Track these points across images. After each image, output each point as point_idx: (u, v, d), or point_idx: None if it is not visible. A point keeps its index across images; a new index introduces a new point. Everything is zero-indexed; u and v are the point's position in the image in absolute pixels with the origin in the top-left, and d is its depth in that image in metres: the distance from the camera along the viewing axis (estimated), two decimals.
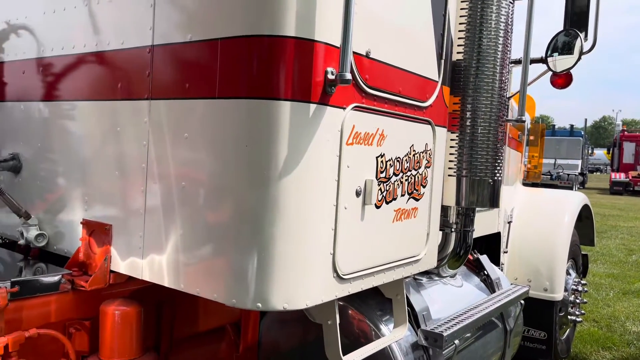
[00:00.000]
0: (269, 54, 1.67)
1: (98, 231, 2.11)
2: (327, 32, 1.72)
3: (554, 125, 35.73)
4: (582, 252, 5.55)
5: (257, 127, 1.69)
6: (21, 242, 2.33)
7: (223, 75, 1.74)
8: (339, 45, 1.74)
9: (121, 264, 2.05)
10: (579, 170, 29.01)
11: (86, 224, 2.16)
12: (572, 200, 4.99)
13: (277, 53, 1.67)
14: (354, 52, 1.80)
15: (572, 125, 32.22)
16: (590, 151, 39.35)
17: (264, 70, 1.68)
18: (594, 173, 52.26)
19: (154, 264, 1.93)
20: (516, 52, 3.23)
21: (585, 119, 36.18)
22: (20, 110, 2.50)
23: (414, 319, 2.66)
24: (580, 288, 5.09)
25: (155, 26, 1.91)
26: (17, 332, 1.85)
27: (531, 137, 7.33)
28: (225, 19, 1.73)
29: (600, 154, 52.25)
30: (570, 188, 24.09)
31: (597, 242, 11.55)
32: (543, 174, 26.84)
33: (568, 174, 27.91)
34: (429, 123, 2.33)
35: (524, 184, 5.92)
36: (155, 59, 1.92)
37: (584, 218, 5.41)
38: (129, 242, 2.02)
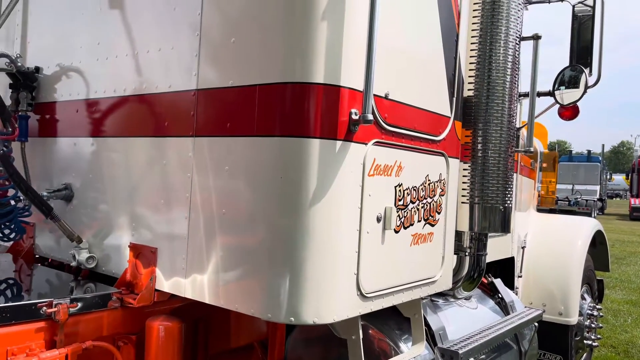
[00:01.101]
0: (300, 98, 1.92)
1: (144, 254, 2.35)
2: (351, 78, 1.97)
3: (571, 151, 35.61)
4: (598, 278, 5.65)
5: (290, 161, 1.93)
6: (73, 264, 2.58)
7: (260, 115, 1.99)
8: (361, 89, 1.98)
9: (165, 283, 2.28)
10: (597, 196, 28.78)
11: (133, 247, 2.40)
12: (585, 226, 5.12)
13: (307, 97, 1.92)
14: (374, 95, 2.04)
15: (589, 151, 32.11)
16: (608, 177, 38.97)
17: (296, 112, 1.93)
18: (614, 199, 51.60)
19: (195, 283, 2.16)
20: (525, 86, 3.46)
21: (603, 145, 36.14)
22: (72, 145, 2.78)
23: (431, 338, 2.83)
24: (595, 313, 5.18)
25: (200, 72, 2.18)
26: (75, 344, 2.09)
27: (544, 164, 7.48)
28: (262, 68, 1.99)
29: (620, 179, 51.68)
30: (589, 214, 23.90)
31: (616, 268, 11.50)
32: (561, 200, 26.69)
33: (586, 200, 27.71)
34: (442, 155, 2.56)
35: (540, 210, 6.07)
36: (200, 101, 2.18)
37: (599, 244, 5.53)
38: (173, 263, 2.25)
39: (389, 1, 2.10)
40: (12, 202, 2.65)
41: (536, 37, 3.05)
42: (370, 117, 1.92)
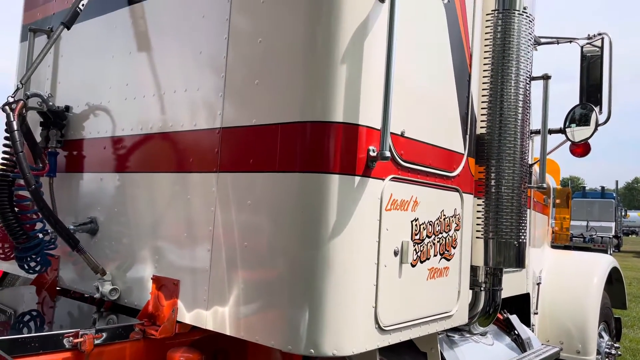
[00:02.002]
0: (320, 136, 2.02)
1: (167, 286, 2.42)
2: (369, 117, 2.07)
3: (585, 187, 35.33)
4: (615, 316, 5.57)
5: (310, 196, 2.01)
6: (96, 295, 2.64)
7: (282, 152, 2.08)
8: (378, 128, 2.08)
9: (187, 315, 2.34)
10: (613, 233, 28.35)
11: (156, 279, 2.47)
12: (601, 263, 5.09)
13: (327, 135, 2.01)
14: (391, 133, 2.13)
15: (603, 187, 31.82)
16: (623, 213, 38.48)
17: (316, 148, 2.02)
18: (630, 236, 50.74)
19: (217, 315, 2.21)
20: (537, 123, 3.55)
21: (617, 181, 35.73)
22: (99, 180, 2.89)
23: None
24: (613, 351, 5.09)
25: (225, 112, 2.29)
26: None
27: (557, 201, 7.49)
28: (284, 107, 2.09)
29: (635, 216, 50.95)
30: (605, 251, 23.51)
31: (634, 307, 11.26)
32: (576, 237, 26.34)
33: (602, 237, 27.31)
34: (457, 190, 2.62)
35: (555, 247, 6.05)
36: (224, 138, 2.29)
37: (615, 281, 5.48)
38: (194, 295, 2.31)
39: (405, 44, 2.22)
40: (40, 235, 2.74)
41: (546, 77, 3.15)
42: (388, 154, 2.00)
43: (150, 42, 2.71)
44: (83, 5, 2.73)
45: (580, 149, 3.89)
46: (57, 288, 3.04)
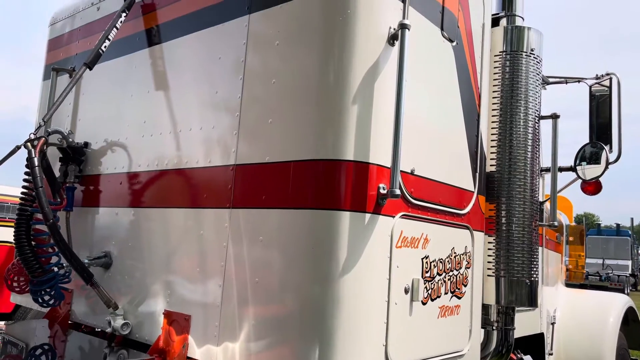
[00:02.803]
0: (332, 174, 2.06)
1: (178, 321, 2.43)
2: (379, 155, 2.12)
3: (599, 224, 34.81)
4: (632, 357, 5.42)
5: (322, 233, 2.04)
6: (108, 330, 2.66)
7: (294, 189, 2.13)
8: (388, 166, 2.12)
9: (197, 351, 2.34)
10: (629, 271, 27.75)
11: (167, 314, 2.48)
12: (617, 302, 5.00)
13: (338, 173, 2.06)
14: (401, 171, 2.17)
15: (618, 225, 31.34)
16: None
17: (328, 186, 2.06)
18: None
19: (227, 351, 2.22)
20: (547, 161, 3.57)
21: (632, 218, 35.23)
22: (114, 215, 2.95)
23: None
24: None
25: (239, 149, 2.36)
26: None
27: (571, 238, 7.40)
28: (297, 145, 2.15)
29: None
30: (622, 290, 22.96)
31: None
32: (591, 275, 25.82)
33: (618, 275, 26.73)
34: (467, 228, 2.63)
35: (570, 285, 5.96)
36: (237, 175, 2.34)
37: (631, 321, 5.36)
38: (205, 331, 2.32)
39: (415, 84, 2.28)
40: (55, 269, 2.78)
41: (555, 117, 3.19)
42: (398, 191, 2.04)
43: (168, 82, 2.81)
44: (105, 47, 2.85)
45: (592, 187, 3.89)
46: (70, 322, 3.06)
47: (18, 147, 2.59)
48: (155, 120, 2.81)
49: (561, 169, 3.62)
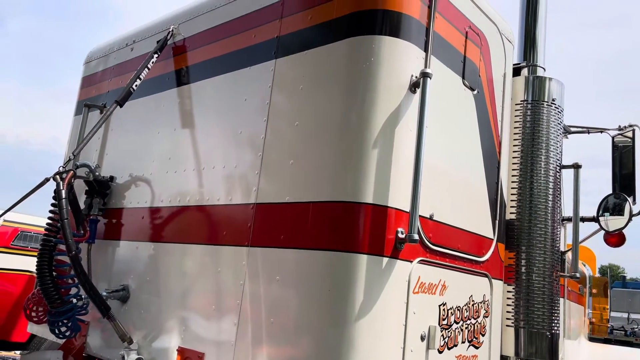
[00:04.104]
0: (351, 216, 2.08)
1: (191, 358, 2.42)
2: (398, 199, 2.13)
3: (624, 276, 33.76)
4: None
5: (339, 275, 2.04)
6: None
7: (313, 230, 2.14)
8: (407, 210, 2.13)
9: None
10: None
11: (181, 351, 2.48)
12: None
13: (357, 215, 2.07)
14: (420, 216, 2.17)
15: None
16: None
17: (346, 228, 2.08)
18: None
19: None
20: (569, 210, 3.53)
21: None
22: (135, 249, 2.99)
23: None
24: None
25: (260, 188, 2.40)
26: None
27: (594, 290, 7.21)
28: (317, 187, 2.18)
29: None
30: None
31: None
32: (616, 329, 24.86)
33: None
34: (486, 276, 2.60)
35: (593, 340, 5.76)
36: (257, 213, 2.37)
37: None
38: None
39: (435, 130, 2.31)
40: (73, 300, 2.81)
41: (576, 166, 3.17)
42: (416, 236, 2.04)
43: (194, 121, 2.89)
44: (136, 85, 2.97)
45: (615, 238, 3.81)
46: (84, 355, 3.07)
47: (47, 180, 2.67)
48: (180, 157, 2.88)
49: (583, 219, 3.57)
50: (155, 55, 3.06)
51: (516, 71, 3.17)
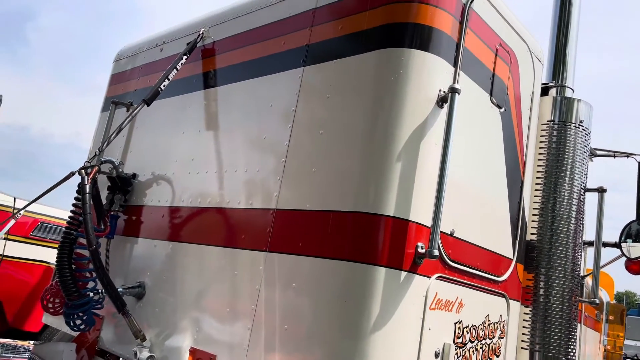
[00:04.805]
0: (371, 227, 2.07)
1: None
2: (419, 213, 2.12)
3: None
4: None
5: (355, 286, 2.03)
6: None
7: (331, 239, 2.14)
8: (428, 225, 2.11)
9: None
10: None
11: (193, 352, 2.48)
12: None
13: (377, 227, 2.06)
14: (441, 232, 2.16)
15: None
16: None
17: (366, 239, 2.07)
18: None
19: None
20: (591, 234, 3.46)
21: None
22: (152, 246, 3.02)
23: None
24: None
25: (280, 194, 2.40)
26: None
27: (611, 317, 7.06)
28: (338, 196, 2.17)
29: None
30: None
31: None
32: (629, 358, 24.28)
33: None
34: (503, 296, 2.57)
35: None
36: (277, 219, 2.38)
37: None
38: None
39: (460, 146, 2.30)
40: (90, 294, 2.84)
41: (601, 190, 3.12)
42: (436, 252, 2.02)
43: (219, 123, 2.92)
44: (164, 85, 3.01)
45: (636, 265, 3.73)
46: (97, 348, 3.09)
47: (72, 174, 2.71)
48: (202, 159, 2.90)
49: (605, 244, 3.50)
50: (185, 57, 3.09)
51: (544, 91, 3.14)
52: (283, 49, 2.68)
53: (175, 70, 3.06)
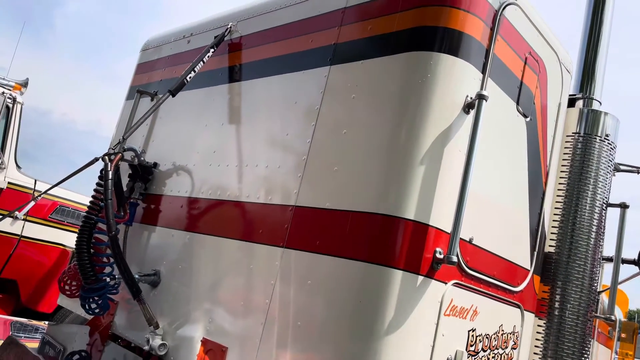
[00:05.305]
0: (390, 230, 2.07)
1: (215, 351, 2.44)
2: (439, 219, 2.11)
3: None
4: None
5: (371, 287, 2.03)
6: (145, 347, 2.70)
7: (349, 239, 2.14)
8: (447, 230, 2.10)
9: None
10: None
11: (205, 342, 2.50)
12: None
13: (396, 230, 2.06)
14: (460, 239, 2.14)
15: None
16: None
17: (384, 241, 2.06)
18: None
19: None
20: (609, 249, 3.42)
21: None
22: (170, 236, 3.05)
23: None
24: None
25: (300, 192, 2.41)
26: None
27: (623, 335, 6.95)
28: (358, 196, 2.17)
29: None
30: None
31: None
32: None
33: None
34: (518, 307, 2.55)
35: None
36: (295, 216, 2.38)
37: None
38: None
39: (484, 153, 2.28)
40: (107, 279, 2.88)
41: (624, 206, 3.08)
42: (455, 258, 2.01)
43: (242, 118, 2.93)
44: (190, 77, 3.03)
45: None
46: (110, 333, 3.13)
47: (96, 159, 2.75)
48: (224, 152, 2.92)
49: (624, 261, 3.45)
50: (212, 50, 3.12)
51: (571, 102, 3.10)
52: (310, 47, 2.69)
53: (201, 62, 3.08)
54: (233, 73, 3.13)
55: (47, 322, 3.82)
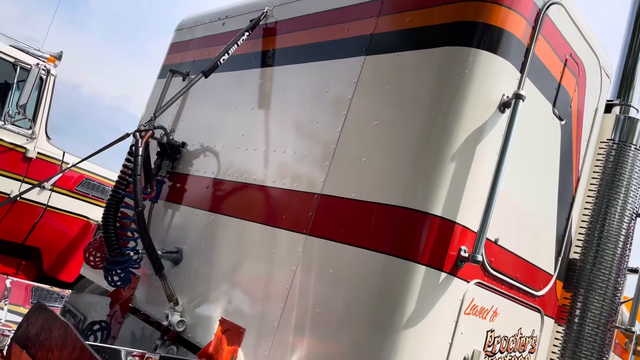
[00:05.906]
0: (415, 224, 2.06)
1: (232, 331, 2.47)
2: (467, 217, 2.09)
3: None
4: None
5: (393, 280, 2.02)
6: (164, 323, 2.75)
7: (374, 231, 2.13)
8: (474, 229, 2.08)
9: None
10: None
11: (223, 322, 2.54)
12: None
13: (422, 225, 2.05)
14: (486, 238, 2.13)
15: None
16: None
17: (409, 235, 2.06)
18: None
19: None
20: (635, 261, 3.36)
21: None
22: (194, 215, 3.08)
23: None
24: None
25: (327, 180, 2.41)
26: None
27: (639, 348, 6.83)
28: (386, 189, 2.17)
29: None
30: None
31: None
32: None
33: None
34: (539, 311, 2.52)
35: None
36: (320, 204, 2.39)
37: None
38: (256, 348, 2.34)
39: (516, 154, 2.25)
40: (130, 253, 2.93)
41: None
42: (480, 258, 2.00)
43: (272, 103, 2.94)
44: (224, 59, 3.04)
45: None
46: (130, 305, 3.20)
47: (128, 135, 2.79)
48: (253, 136, 2.94)
49: None
50: (247, 33, 3.12)
51: (607, 108, 3.03)
52: (346, 36, 2.67)
53: (236, 45, 3.09)
54: (266, 58, 3.13)
55: (69, 290, 3.91)
